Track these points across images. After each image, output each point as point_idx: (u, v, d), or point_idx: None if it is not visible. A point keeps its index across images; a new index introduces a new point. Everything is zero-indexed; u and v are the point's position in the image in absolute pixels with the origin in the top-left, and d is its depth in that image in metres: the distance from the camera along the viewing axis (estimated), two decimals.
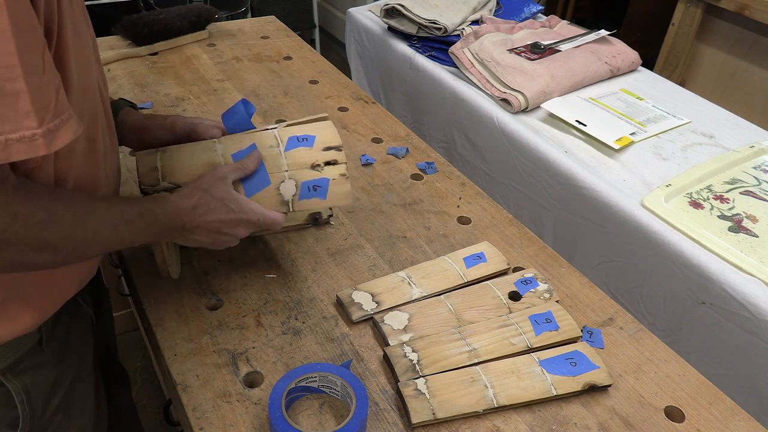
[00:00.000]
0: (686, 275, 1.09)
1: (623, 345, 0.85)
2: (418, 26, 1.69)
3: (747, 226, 1.13)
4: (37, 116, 0.49)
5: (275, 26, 1.74)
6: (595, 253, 1.27)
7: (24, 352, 0.70)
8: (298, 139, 0.83)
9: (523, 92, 1.43)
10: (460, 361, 0.78)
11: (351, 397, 0.69)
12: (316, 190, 0.80)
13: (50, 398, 0.75)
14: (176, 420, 0.94)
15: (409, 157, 1.21)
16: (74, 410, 0.81)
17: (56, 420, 0.77)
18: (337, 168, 0.82)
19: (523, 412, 0.75)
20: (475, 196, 1.11)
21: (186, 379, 0.75)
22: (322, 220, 1.00)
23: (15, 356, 0.69)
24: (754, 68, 1.99)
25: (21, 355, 0.70)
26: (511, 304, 0.87)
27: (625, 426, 0.74)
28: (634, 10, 3.24)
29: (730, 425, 0.75)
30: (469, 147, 1.55)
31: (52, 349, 0.74)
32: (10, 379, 0.70)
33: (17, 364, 0.70)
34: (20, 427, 0.72)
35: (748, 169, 1.28)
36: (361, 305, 0.85)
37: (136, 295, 0.88)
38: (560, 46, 1.62)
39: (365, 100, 1.39)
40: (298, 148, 0.82)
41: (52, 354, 0.74)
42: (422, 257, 0.96)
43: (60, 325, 0.75)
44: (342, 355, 0.80)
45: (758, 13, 1.87)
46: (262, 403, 0.73)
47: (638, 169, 1.27)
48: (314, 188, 0.80)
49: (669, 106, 1.49)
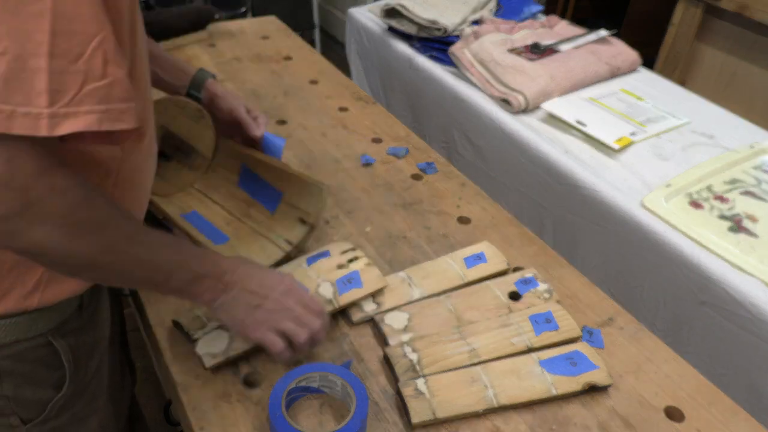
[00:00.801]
0: (686, 275, 1.09)
1: (623, 345, 0.85)
2: (418, 26, 1.69)
3: (747, 226, 1.13)
4: (48, 96, 0.50)
5: (275, 26, 1.74)
6: (595, 253, 1.27)
7: (68, 314, 0.73)
8: (317, 256, 0.90)
9: (523, 92, 1.43)
10: (460, 361, 0.78)
11: (351, 397, 0.69)
12: (351, 282, 0.85)
13: (89, 360, 0.78)
14: (176, 420, 0.94)
15: (409, 157, 1.21)
16: (106, 375, 0.83)
17: (93, 384, 0.79)
18: (361, 261, 0.89)
19: (523, 412, 0.75)
20: (475, 196, 1.11)
21: (186, 379, 0.75)
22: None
23: (62, 318, 0.72)
24: (754, 68, 1.99)
25: (66, 317, 0.72)
26: (511, 304, 0.87)
27: (625, 426, 0.74)
28: (634, 10, 3.24)
29: (730, 425, 0.75)
30: (469, 147, 1.55)
31: (89, 313, 0.77)
32: (58, 339, 0.72)
33: (63, 325, 0.72)
34: (66, 386, 0.74)
35: (748, 169, 1.28)
36: (362, 306, 0.85)
37: (136, 295, 0.88)
38: (560, 46, 1.62)
39: (365, 100, 1.39)
40: (320, 261, 0.89)
41: (89, 319, 0.77)
42: (422, 257, 0.96)
43: (94, 293, 0.77)
44: (342, 355, 0.80)
45: (758, 13, 1.87)
46: (262, 403, 0.73)
47: (638, 169, 1.27)
48: (348, 281, 0.85)
49: (669, 106, 1.49)
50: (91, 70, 0.52)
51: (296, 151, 1.20)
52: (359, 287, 0.85)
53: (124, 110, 0.55)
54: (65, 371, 0.74)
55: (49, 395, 0.74)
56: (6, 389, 0.70)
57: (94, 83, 0.52)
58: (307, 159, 1.18)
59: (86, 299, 0.75)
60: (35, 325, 0.69)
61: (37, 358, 0.71)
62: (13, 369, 0.70)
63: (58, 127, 0.51)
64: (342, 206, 1.06)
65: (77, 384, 0.76)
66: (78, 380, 0.76)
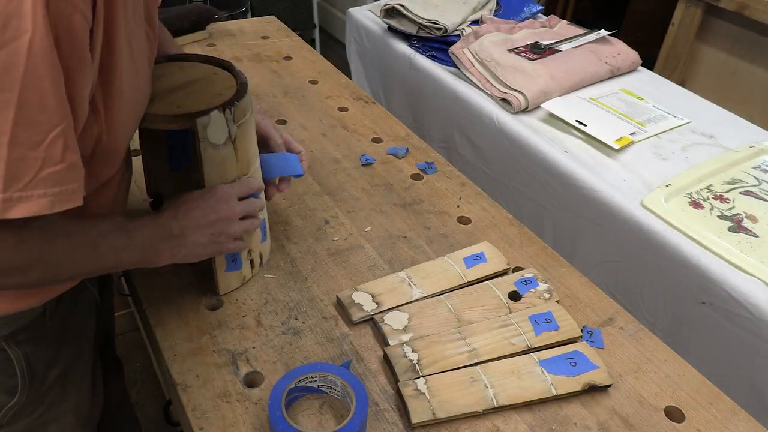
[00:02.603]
0: (686, 275, 1.09)
1: (623, 345, 0.85)
2: (418, 26, 1.69)
3: (747, 226, 1.13)
4: (3, 183, 0.51)
5: (275, 26, 1.74)
6: (595, 253, 1.27)
7: (26, 322, 0.72)
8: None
9: (523, 92, 1.43)
10: (460, 361, 0.78)
11: (351, 397, 0.69)
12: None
13: (49, 370, 0.77)
14: (176, 420, 0.94)
15: (409, 157, 1.21)
16: (71, 386, 0.82)
17: (53, 393, 0.79)
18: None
19: (523, 412, 0.75)
20: (475, 196, 1.11)
21: (186, 379, 0.75)
22: None
23: (18, 325, 0.71)
24: (754, 68, 1.99)
25: (23, 325, 0.72)
26: (511, 304, 0.87)
27: (625, 426, 0.74)
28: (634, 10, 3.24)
29: (730, 425, 0.75)
30: (469, 147, 1.55)
31: (54, 324, 0.76)
32: (12, 346, 0.72)
33: (19, 332, 0.72)
34: (18, 394, 0.74)
35: (748, 169, 1.28)
36: (362, 306, 0.85)
37: (136, 295, 0.88)
38: (560, 46, 1.62)
39: (365, 100, 1.39)
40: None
41: (54, 329, 0.76)
42: (422, 257, 0.96)
43: (64, 302, 0.77)
44: (342, 355, 0.80)
45: (758, 13, 1.87)
46: (262, 403, 0.73)
47: (638, 169, 1.27)
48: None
49: (669, 106, 1.49)
50: (49, 157, 0.54)
51: None
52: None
53: (75, 190, 0.57)
54: (17, 379, 0.73)
55: (2, 401, 0.73)
56: None
57: (51, 168, 0.54)
58: (307, 159, 1.18)
59: (50, 308, 0.74)
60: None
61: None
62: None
63: (11, 211, 0.52)
64: (342, 206, 1.06)
65: (33, 393, 0.75)
66: (34, 389, 0.75)
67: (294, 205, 1.05)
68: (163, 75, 0.82)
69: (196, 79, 0.83)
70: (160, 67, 0.84)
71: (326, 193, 1.09)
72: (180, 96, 0.78)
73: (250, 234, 0.85)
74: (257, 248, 0.89)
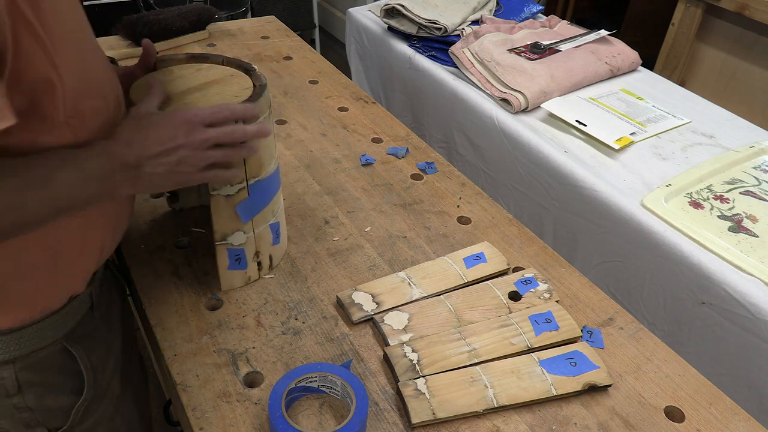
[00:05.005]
0: (686, 275, 1.09)
1: (623, 345, 0.85)
2: (418, 26, 1.69)
3: (747, 226, 1.13)
4: None
5: (275, 26, 1.74)
6: (595, 253, 1.27)
7: (80, 317, 0.73)
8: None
9: (523, 92, 1.43)
10: (460, 361, 0.78)
11: (351, 397, 0.69)
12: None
13: (106, 362, 0.78)
14: (176, 420, 0.94)
15: (409, 157, 1.21)
16: (126, 375, 0.83)
17: (113, 385, 0.80)
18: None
19: (523, 412, 0.75)
20: (475, 196, 1.11)
21: (186, 379, 0.75)
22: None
23: (75, 321, 0.72)
24: (754, 68, 1.99)
25: (78, 320, 0.72)
26: (511, 304, 0.87)
27: (625, 426, 0.74)
28: (634, 10, 3.24)
29: (730, 425, 0.75)
30: (469, 147, 1.55)
31: (101, 314, 0.77)
32: (73, 345, 0.72)
33: (76, 328, 0.72)
34: (85, 391, 0.74)
35: (748, 169, 1.28)
36: (362, 306, 0.85)
37: (136, 295, 0.88)
38: (560, 46, 1.62)
39: (365, 100, 1.40)
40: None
41: (101, 320, 0.77)
42: (422, 257, 0.96)
43: (104, 292, 0.77)
44: (342, 355, 0.80)
45: (758, 13, 1.87)
46: (262, 403, 0.73)
47: (638, 169, 1.27)
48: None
49: (669, 106, 1.49)
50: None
51: (296, 151, 1.20)
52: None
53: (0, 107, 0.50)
54: (83, 376, 0.74)
55: (71, 401, 0.74)
56: (29, 401, 0.70)
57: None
58: (307, 159, 1.18)
59: (95, 298, 0.75)
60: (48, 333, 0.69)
61: (54, 365, 0.71)
62: (33, 380, 0.70)
63: None
64: (342, 206, 1.06)
65: (97, 387, 0.76)
66: (97, 383, 0.76)
67: (294, 205, 1.05)
68: (179, 77, 0.83)
69: (213, 80, 0.83)
70: (177, 68, 0.84)
71: (326, 193, 1.09)
72: (196, 98, 0.79)
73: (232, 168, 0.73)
74: (267, 250, 0.89)
